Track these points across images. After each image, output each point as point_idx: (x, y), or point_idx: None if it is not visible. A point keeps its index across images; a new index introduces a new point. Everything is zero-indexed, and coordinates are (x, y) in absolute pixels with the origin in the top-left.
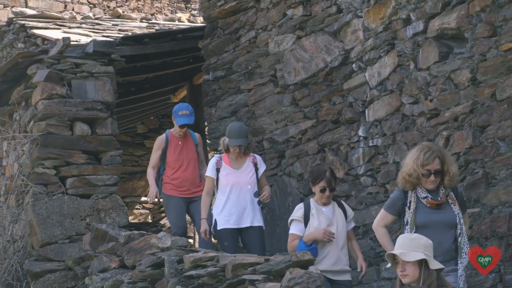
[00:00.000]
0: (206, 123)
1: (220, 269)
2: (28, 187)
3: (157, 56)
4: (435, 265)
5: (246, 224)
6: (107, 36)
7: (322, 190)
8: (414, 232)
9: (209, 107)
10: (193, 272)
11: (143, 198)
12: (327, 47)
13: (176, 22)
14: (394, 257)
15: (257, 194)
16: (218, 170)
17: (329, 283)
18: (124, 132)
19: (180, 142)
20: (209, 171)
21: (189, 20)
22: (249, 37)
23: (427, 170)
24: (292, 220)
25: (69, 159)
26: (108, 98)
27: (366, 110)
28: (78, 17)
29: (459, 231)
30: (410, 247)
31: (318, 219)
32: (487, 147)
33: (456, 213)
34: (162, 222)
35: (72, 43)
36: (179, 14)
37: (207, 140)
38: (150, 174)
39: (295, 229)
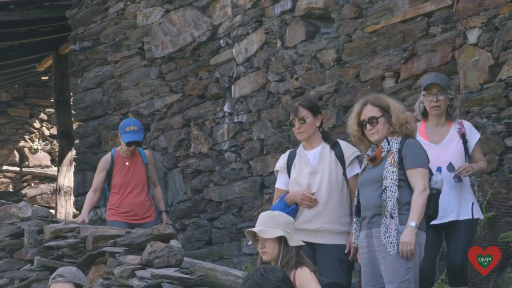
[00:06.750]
0: (71, 93)
1: (80, 240)
2: None
3: (23, 24)
4: (294, 242)
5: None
6: None
7: (291, 124)
8: (358, 194)
9: (75, 77)
10: (53, 243)
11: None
12: (195, 22)
13: None
14: (254, 234)
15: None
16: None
17: (311, 247)
18: None
19: (127, 163)
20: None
21: None
22: (117, 8)
23: (362, 120)
24: (277, 171)
25: None
26: None
27: (232, 86)
28: None
29: (383, 187)
30: (270, 224)
31: (299, 168)
32: None
33: (385, 167)
34: (23, 191)
35: None
36: None
37: (71, 111)
38: (88, 198)
39: (278, 182)
